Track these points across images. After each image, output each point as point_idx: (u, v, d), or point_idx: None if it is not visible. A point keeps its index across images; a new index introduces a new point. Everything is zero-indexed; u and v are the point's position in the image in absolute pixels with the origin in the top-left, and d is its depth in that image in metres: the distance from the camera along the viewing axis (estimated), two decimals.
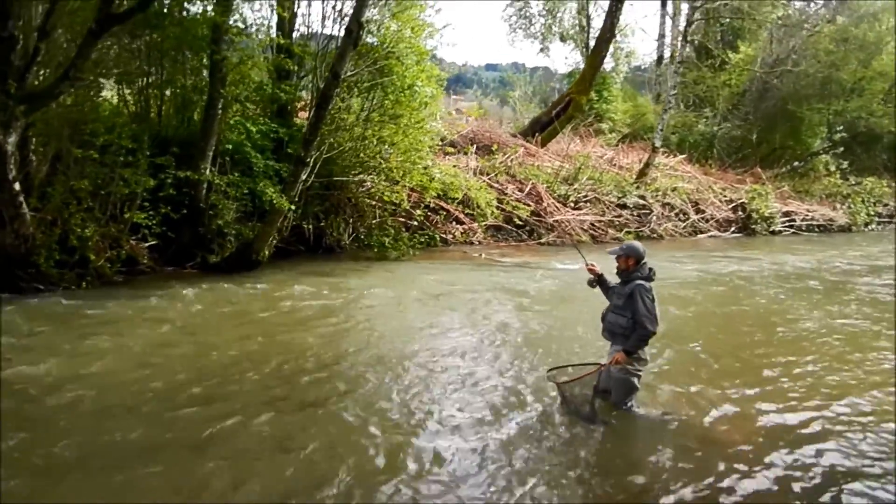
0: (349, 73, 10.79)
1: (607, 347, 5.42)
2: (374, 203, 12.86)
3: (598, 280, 5.48)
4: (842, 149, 24.74)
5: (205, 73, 10.65)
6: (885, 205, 23.75)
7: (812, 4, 27.91)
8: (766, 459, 4.71)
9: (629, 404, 5.32)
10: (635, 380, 5.24)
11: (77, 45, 8.26)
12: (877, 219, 23.09)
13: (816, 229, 21.08)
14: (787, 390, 6.12)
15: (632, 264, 5.21)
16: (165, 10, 9.94)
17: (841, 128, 24.48)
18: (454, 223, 14.67)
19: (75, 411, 5.05)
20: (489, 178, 16.12)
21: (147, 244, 9.91)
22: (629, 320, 5.06)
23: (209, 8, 10.21)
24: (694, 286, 11.07)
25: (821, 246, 17.72)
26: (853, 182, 23.81)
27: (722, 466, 4.58)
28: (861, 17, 24.04)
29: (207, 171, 10.22)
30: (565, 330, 7.97)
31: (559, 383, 5.31)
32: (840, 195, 23.04)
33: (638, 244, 5.36)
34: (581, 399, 5.22)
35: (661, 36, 29.34)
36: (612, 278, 5.45)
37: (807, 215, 21.19)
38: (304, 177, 10.37)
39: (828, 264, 14.22)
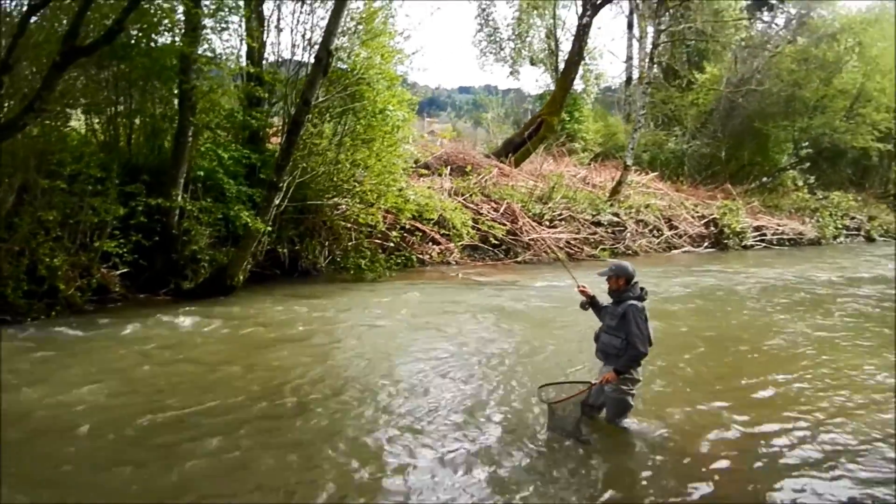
0: (320, 100, 10.88)
1: (600, 366, 5.39)
2: (349, 225, 12.87)
3: (591, 302, 5.47)
4: (808, 164, 25.41)
5: (174, 101, 10.65)
6: (852, 218, 24.26)
7: (773, 26, 28.77)
8: (766, 483, 4.66)
9: (623, 422, 5.32)
10: (629, 398, 5.24)
11: (42, 77, 8.24)
12: (844, 232, 23.53)
13: (787, 243, 21.45)
14: (780, 409, 6.02)
15: (622, 284, 5.18)
16: (133, 42, 9.97)
17: (806, 144, 25.16)
18: (430, 244, 14.72)
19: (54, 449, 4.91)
20: (464, 199, 16.23)
21: (118, 272, 9.78)
22: (623, 341, 5.02)
23: (177, 39, 10.24)
24: (679, 301, 11.15)
25: (795, 259, 18.05)
26: (820, 196, 24.36)
27: (722, 491, 4.56)
28: (820, 38, 24.75)
29: (179, 198, 10.18)
30: (552, 348, 7.93)
31: (550, 403, 5.21)
32: (808, 209, 23.53)
33: (626, 264, 5.34)
34: (568, 416, 5.14)
35: (630, 58, 29.94)
36: (603, 297, 5.44)
37: (777, 229, 21.58)
38: (277, 201, 10.36)
39: (807, 277, 14.42)
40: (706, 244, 19.64)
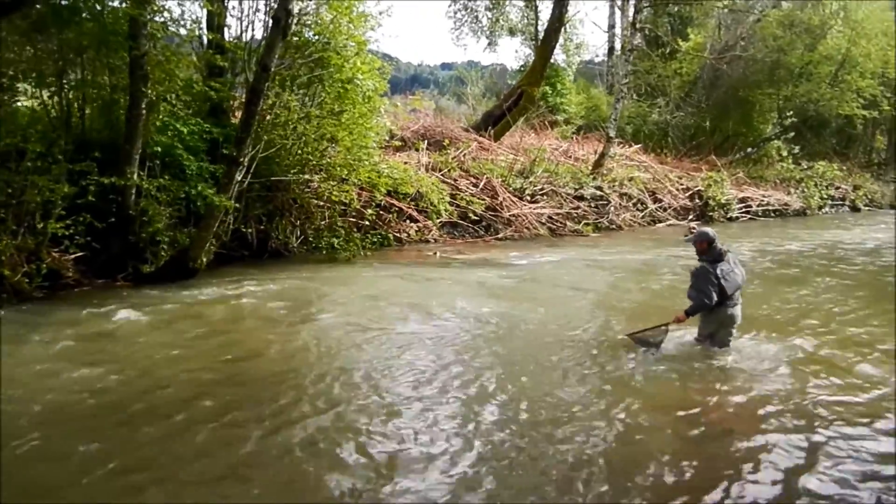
0: (283, 66, 10.20)
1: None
2: (321, 203, 12.26)
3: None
4: (792, 134, 25.00)
5: (128, 71, 9.91)
6: (837, 188, 24.05)
7: None
8: None
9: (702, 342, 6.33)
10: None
11: None
12: (829, 202, 23.39)
13: (772, 214, 21.21)
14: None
15: (705, 247, 6.02)
16: (80, 4, 9.22)
17: (791, 113, 24.70)
18: (408, 221, 14.17)
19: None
20: (441, 174, 15.66)
21: (72, 256, 9.15)
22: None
23: (125, 3, 9.51)
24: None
25: (788, 229, 18.03)
26: (805, 166, 24.02)
27: None
28: (805, 2, 24.28)
29: (135, 176, 9.51)
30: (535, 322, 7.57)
31: (632, 335, 6.47)
32: (793, 180, 23.28)
33: (707, 229, 6.21)
34: (653, 341, 6.32)
35: (612, 27, 29.26)
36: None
37: (762, 201, 21.29)
38: (239, 177, 9.73)
39: (819, 247, 14.49)
40: (691, 217, 19.27)
